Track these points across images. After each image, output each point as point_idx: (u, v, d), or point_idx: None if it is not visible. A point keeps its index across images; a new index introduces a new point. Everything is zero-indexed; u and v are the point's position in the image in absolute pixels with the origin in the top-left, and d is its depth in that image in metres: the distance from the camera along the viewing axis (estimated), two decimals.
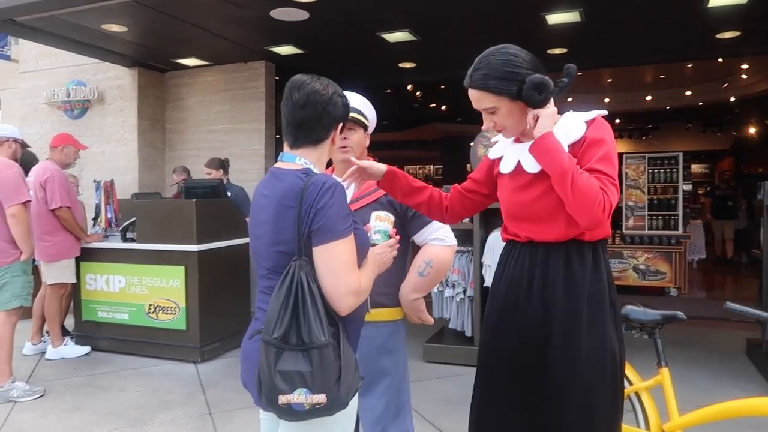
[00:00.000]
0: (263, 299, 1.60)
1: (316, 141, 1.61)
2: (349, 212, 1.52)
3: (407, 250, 2.17)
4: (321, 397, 1.38)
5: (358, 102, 2.11)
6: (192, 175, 6.56)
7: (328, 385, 1.39)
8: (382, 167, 1.90)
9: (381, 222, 1.72)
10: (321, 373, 1.38)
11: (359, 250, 1.54)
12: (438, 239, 2.07)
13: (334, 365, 1.40)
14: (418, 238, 2.10)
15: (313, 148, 1.61)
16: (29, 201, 4.13)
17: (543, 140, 1.65)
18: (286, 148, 1.64)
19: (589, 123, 1.73)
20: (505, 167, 1.83)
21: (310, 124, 1.58)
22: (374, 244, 1.69)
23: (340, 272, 1.46)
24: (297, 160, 1.59)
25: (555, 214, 1.71)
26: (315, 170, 1.58)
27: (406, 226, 2.09)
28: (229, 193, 5.58)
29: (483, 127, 1.81)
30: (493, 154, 1.93)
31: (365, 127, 2.14)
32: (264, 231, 1.56)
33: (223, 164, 5.89)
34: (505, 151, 1.87)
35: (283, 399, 1.39)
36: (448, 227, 2.10)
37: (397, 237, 1.75)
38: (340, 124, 1.65)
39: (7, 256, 3.99)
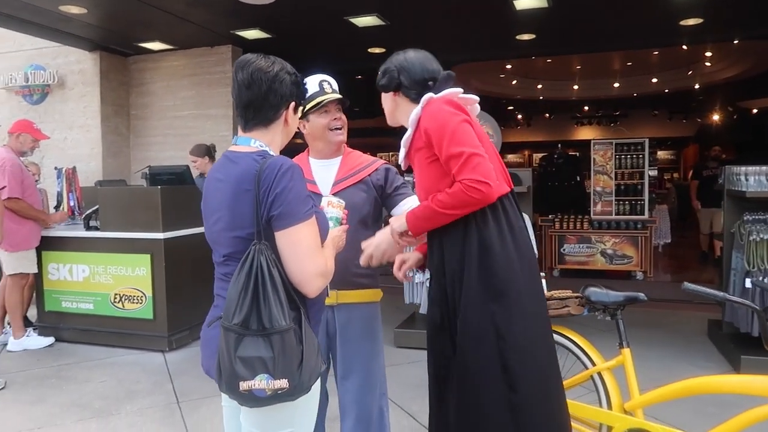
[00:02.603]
0: (221, 286, 1.57)
1: (266, 122, 1.56)
2: (309, 194, 1.49)
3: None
4: (283, 383, 1.36)
5: (335, 84, 2.20)
6: (158, 163, 6.42)
7: (289, 370, 1.37)
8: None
9: (333, 208, 1.73)
10: (282, 358, 1.36)
11: (321, 231, 1.52)
12: None
13: (295, 350, 1.39)
14: (396, 211, 2.14)
15: (265, 129, 1.57)
16: (4, 187, 4.07)
17: (410, 226, 1.84)
18: (239, 131, 1.60)
19: (424, 107, 1.84)
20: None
21: (256, 103, 1.53)
22: None
23: (306, 255, 1.44)
24: (252, 142, 1.54)
25: (426, 194, 1.84)
26: (271, 152, 1.54)
27: (386, 202, 2.16)
28: None
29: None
30: None
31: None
32: (220, 216, 1.52)
33: (209, 151, 5.68)
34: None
35: (244, 385, 1.36)
36: None
37: (347, 226, 1.78)
38: (292, 104, 1.60)
39: None
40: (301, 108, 1.66)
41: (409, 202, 2.12)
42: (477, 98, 1.95)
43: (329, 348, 2.15)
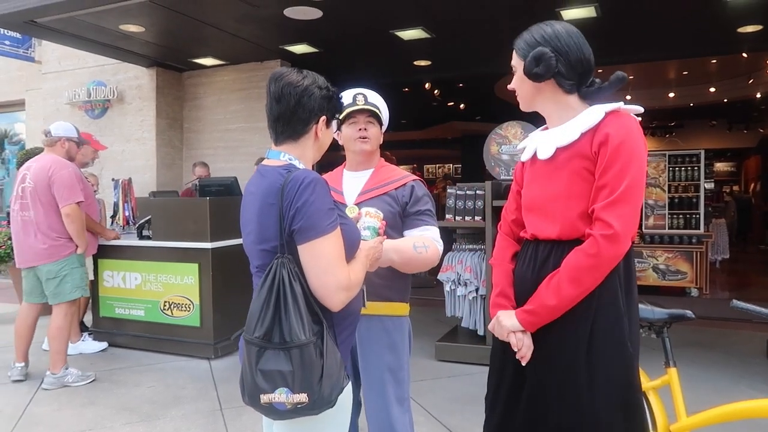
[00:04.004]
0: None
1: (296, 135, 1.57)
2: (333, 206, 1.48)
3: None
4: (302, 397, 1.36)
5: (375, 98, 2.20)
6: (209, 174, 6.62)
7: (309, 384, 1.36)
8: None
9: (371, 218, 1.70)
10: (302, 372, 1.36)
11: (348, 243, 1.51)
12: (435, 240, 2.07)
13: (315, 364, 1.38)
14: (408, 234, 2.10)
15: (295, 143, 1.58)
16: (82, 201, 4.29)
17: (529, 325, 1.62)
18: (272, 145, 1.62)
19: (611, 114, 1.60)
20: (524, 155, 1.80)
21: (285, 117, 1.55)
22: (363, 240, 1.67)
23: (328, 269, 1.43)
24: (281, 156, 1.56)
25: (553, 209, 1.65)
26: (299, 165, 1.55)
27: (403, 221, 2.10)
28: None
29: (508, 86, 1.78)
30: (522, 156, 1.86)
31: (381, 124, 2.20)
32: (251, 229, 1.54)
33: None
34: (529, 143, 1.81)
35: (264, 398, 1.38)
36: (438, 234, 2.10)
37: (384, 237, 1.75)
38: (323, 118, 1.59)
39: (64, 250, 4.21)
40: (335, 121, 1.66)
41: (426, 233, 2.06)
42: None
43: (354, 358, 2.15)
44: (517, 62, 1.71)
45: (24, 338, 4.32)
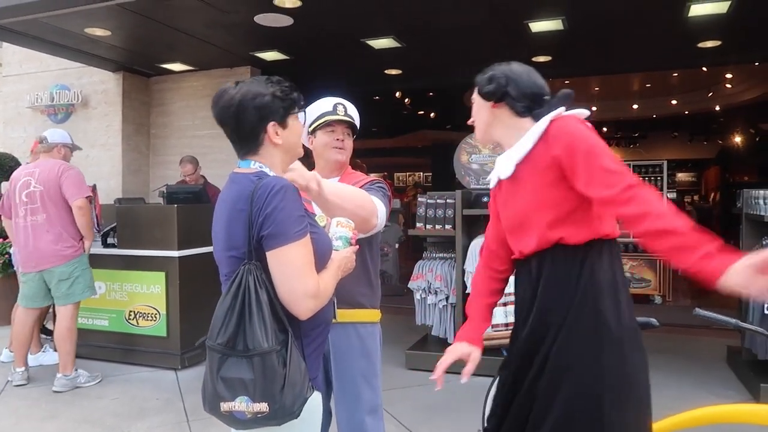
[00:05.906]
0: None
1: (254, 148, 1.54)
2: (303, 214, 1.46)
3: (377, 251, 2.18)
4: (262, 406, 1.34)
5: (353, 110, 2.20)
6: (176, 181, 6.50)
7: (270, 393, 1.34)
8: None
9: (342, 228, 1.68)
10: (263, 381, 1.34)
11: (318, 252, 1.50)
12: (374, 199, 2.00)
13: (278, 374, 1.35)
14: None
15: (256, 154, 1.55)
16: (90, 196, 4.46)
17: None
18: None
19: (555, 120, 1.65)
20: (492, 182, 1.86)
21: (234, 137, 1.54)
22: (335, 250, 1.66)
23: (296, 276, 1.42)
24: (252, 164, 1.54)
25: (527, 223, 1.69)
26: (270, 173, 1.54)
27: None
28: None
29: (468, 122, 1.87)
30: (491, 185, 1.91)
31: (355, 136, 2.22)
32: (221, 236, 1.53)
33: None
34: (494, 170, 1.86)
35: (224, 407, 1.36)
36: (384, 214, 2.03)
37: (357, 246, 1.73)
38: (271, 124, 1.52)
39: (75, 250, 4.31)
40: (301, 113, 1.62)
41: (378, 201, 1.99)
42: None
43: (326, 366, 2.13)
44: (475, 94, 1.81)
45: (24, 344, 4.41)
